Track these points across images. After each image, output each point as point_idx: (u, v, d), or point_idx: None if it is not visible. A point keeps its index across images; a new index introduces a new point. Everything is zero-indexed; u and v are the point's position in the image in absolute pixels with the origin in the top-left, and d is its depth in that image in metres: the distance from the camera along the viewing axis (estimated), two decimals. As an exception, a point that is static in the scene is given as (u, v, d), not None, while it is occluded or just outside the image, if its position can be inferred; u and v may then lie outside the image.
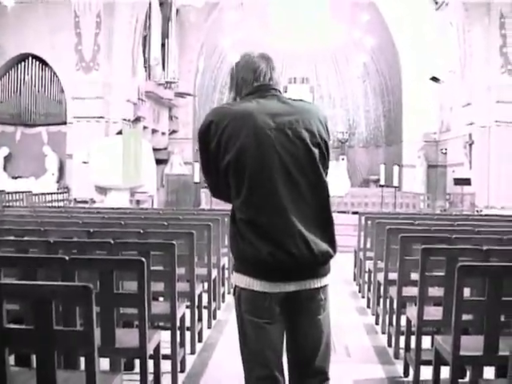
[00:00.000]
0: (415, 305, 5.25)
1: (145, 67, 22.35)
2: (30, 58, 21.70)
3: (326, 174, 3.08)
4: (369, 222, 9.07)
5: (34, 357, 3.65)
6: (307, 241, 2.92)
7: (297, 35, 29.53)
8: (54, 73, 21.55)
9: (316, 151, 3.01)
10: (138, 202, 18.43)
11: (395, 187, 19.05)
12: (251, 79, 3.13)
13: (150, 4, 21.46)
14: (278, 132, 2.97)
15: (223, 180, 3.05)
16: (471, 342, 4.11)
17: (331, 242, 3.02)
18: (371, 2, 25.35)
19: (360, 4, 26.52)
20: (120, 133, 18.39)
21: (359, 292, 9.57)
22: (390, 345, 6.51)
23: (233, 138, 2.97)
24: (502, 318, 4.00)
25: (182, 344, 5.63)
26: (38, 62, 21.72)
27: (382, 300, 7.16)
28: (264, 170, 2.95)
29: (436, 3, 22.92)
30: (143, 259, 4.05)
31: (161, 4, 23.31)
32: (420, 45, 24.33)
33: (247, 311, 3.01)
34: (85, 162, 18.28)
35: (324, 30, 29.28)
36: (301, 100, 3.19)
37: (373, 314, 7.92)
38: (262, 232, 2.92)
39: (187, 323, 5.95)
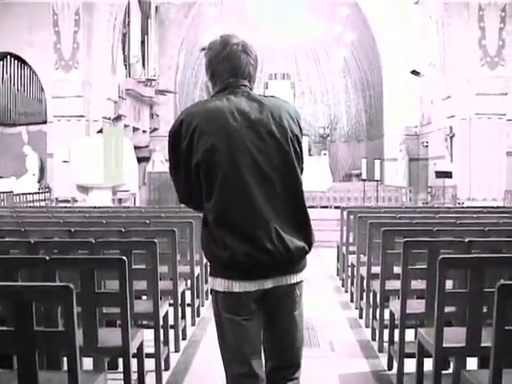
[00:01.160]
0: (398, 298, 5.26)
1: (125, 65, 22.25)
2: (9, 57, 21.52)
3: (301, 170, 3.10)
4: (351, 217, 9.09)
5: (15, 358, 3.62)
6: (282, 238, 2.93)
7: (277, 31, 29.54)
8: (34, 71, 21.39)
9: (288, 148, 3.01)
10: (120, 200, 18.36)
11: (377, 181, 19.12)
12: (228, 75, 3.09)
13: (128, 1, 21.34)
14: (248, 129, 2.96)
15: (195, 182, 3.02)
16: (454, 333, 4.13)
17: (307, 238, 3.04)
18: (351, -4, 25.41)
19: (339, -1, 26.59)
20: (101, 131, 18.31)
21: (342, 286, 9.59)
22: (373, 339, 6.54)
23: (203, 137, 2.94)
24: (485, 309, 4.02)
25: (166, 342, 5.63)
26: (16, 61, 21.55)
27: (365, 294, 7.17)
28: (235, 168, 2.93)
29: (415, -3, 23.03)
30: (124, 258, 4.03)
31: (140, 1, 23.20)
32: (400, 39, 24.42)
33: (225, 309, 3.02)
34: (65, 162, 18.19)
35: (304, 26, 29.31)
36: (272, 96, 3.15)
37: (356, 308, 7.94)
38: (236, 232, 2.91)
39: (171, 321, 5.95)
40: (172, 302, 6.12)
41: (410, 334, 5.26)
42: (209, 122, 2.96)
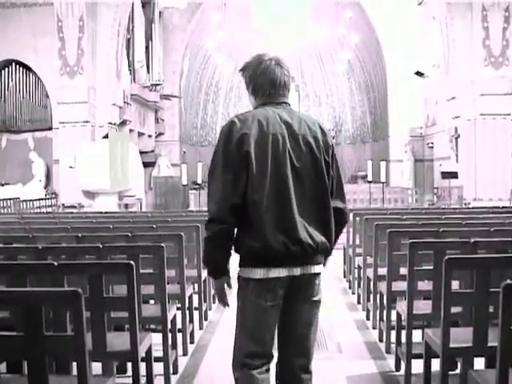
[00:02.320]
0: (405, 299, 5.27)
1: (129, 70, 22.31)
2: (14, 64, 21.57)
3: (333, 178, 3.53)
4: (357, 219, 9.09)
5: (25, 363, 3.65)
6: (309, 232, 3.35)
7: (280, 34, 29.54)
8: (39, 78, 21.43)
9: (320, 156, 3.44)
10: (126, 205, 18.42)
11: (383, 183, 19.13)
12: (268, 87, 3.50)
13: (132, 7, 21.40)
14: (290, 138, 3.39)
15: (240, 178, 3.32)
16: (461, 333, 4.14)
17: (328, 234, 3.45)
18: (354, -2, 25.43)
19: (343, 1, 26.57)
20: (106, 137, 18.38)
21: (349, 288, 9.59)
22: (381, 340, 6.54)
23: (253, 140, 3.34)
24: (491, 309, 4.03)
25: (174, 346, 5.64)
26: (21, 68, 21.58)
27: (372, 295, 7.18)
28: (278, 170, 3.35)
29: (418, -2, 23.04)
30: (132, 262, 4.05)
31: (143, 6, 23.27)
32: (404, 40, 24.40)
33: (254, 295, 3.36)
34: (71, 167, 18.25)
35: (307, 28, 29.32)
36: (307, 115, 3.65)
37: (363, 310, 7.94)
38: (273, 223, 3.30)
39: (178, 325, 5.96)
40: (180, 305, 6.14)
41: (417, 335, 5.27)
42: (260, 127, 3.36)
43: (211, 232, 3.34)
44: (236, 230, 3.40)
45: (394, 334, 5.81)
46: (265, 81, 3.49)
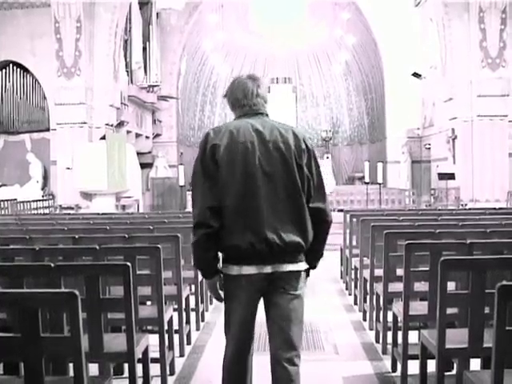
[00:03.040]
0: (401, 300, 5.28)
1: (127, 71, 22.28)
2: (11, 66, 21.57)
3: (310, 180, 3.73)
4: (354, 220, 9.11)
5: (22, 364, 3.65)
6: (279, 233, 3.58)
7: (278, 35, 29.57)
8: (36, 79, 21.42)
9: (291, 161, 3.67)
10: (123, 206, 18.41)
11: (380, 184, 19.14)
12: (241, 98, 3.83)
13: (130, 8, 21.40)
14: (260, 145, 3.66)
15: (217, 183, 3.63)
16: (457, 334, 4.15)
17: (303, 234, 3.67)
18: (352, 0, 25.42)
19: (340, 3, 26.61)
20: (104, 138, 18.37)
21: (346, 289, 9.61)
22: (377, 341, 6.55)
23: (226, 149, 3.63)
24: (487, 310, 4.04)
25: (171, 347, 5.64)
26: (19, 69, 21.57)
27: (368, 297, 7.20)
28: (248, 175, 3.62)
29: (415, -1, 23.08)
30: (128, 264, 4.06)
31: (141, 8, 23.26)
32: (401, 41, 24.41)
33: (234, 287, 3.67)
34: (69, 168, 18.24)
35: (305, 30, 29.36)
36: (283, 123, 3.85)
37: (360, 311, 7.96)
38: (243, 225, 3.58)
39: (175, 326, 5.97)
40: (176, 306, 6.15)
41: (413, 336, 5.29)
42: (231, 137, 3.66)
43: (196, 236, 3.63)
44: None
45: (390, 335, 5.83)
46: (238, 93, 3.84)
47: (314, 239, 3.76)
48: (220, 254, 3.73)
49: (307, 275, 3.86)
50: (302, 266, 3.71)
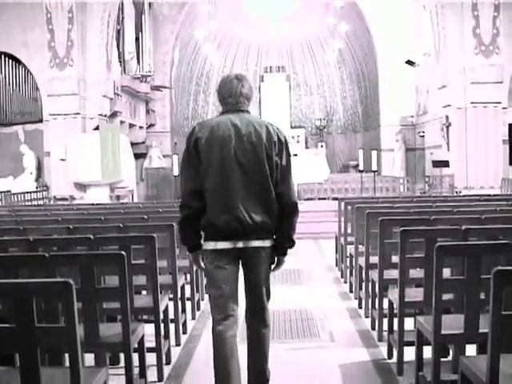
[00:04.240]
0: (397, 287, 5.29)
1: (119, 61, 22.19)
2: (3, 57, 21.44)
3: (279, 168, 4.32)
4: (348, 208, 9.11)
5: (17, 355, 3.64)
6: (249, 213, 4.23)
7: (271, 24, 29.49)
8: (28, 70, 21.30)
9: (261, 152, 4.28)
10: (117, 197, 18.38)
11: (374, 172, 19.14)
12: (226, 95, 4.43)
13: (122, -3, 21.30)
14: (236, 137, 4.28)
15: (198, 173, 4.29)
16: (452, 320, 4.16)
17: (270, 214, 4.30)
18: (344, -13, 25.34)
19: (333, -10, 26.53)
20: (97, 128, 18.32)
21: (341, 277, 9.61)
22: (373, 328, 6.56)
23: (206, 141, 4.27)
24: (482, 296, 4.05)
25: (167, 336, 5.65)
26: (10, 60, 21.43)
27: (364, 284, 7.20)
28: (224, 163, 4.25)
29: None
30: (123, 253, 4.06)
31: (133, -3, 23.15)
32: (394, 29, 24.37)
33: (213, 260, 4.30)
34: (63, 160, 18.19)
35: (298, 18, 29.25)
36: (259, 119, 4.53)
37: (355, 298, 7.97)
38: (219, 206, 4.23)
39: (171, 315, 5.97)
40: (172, 296, 6.15)
41: (409, 323, 5.30)
42: (211, 131, 4.29)
43: (180, 216, 4.36)
44: None
45: (386, 321, 5.84)
46: (225, 91, 4.44)
47: (281, 221, 4.36)
48: (202, 233, 4.35)
49: (283, 254, 4.46)
50: (268, 243, 4.34)
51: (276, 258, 4.49)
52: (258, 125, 4.35)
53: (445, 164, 19.18)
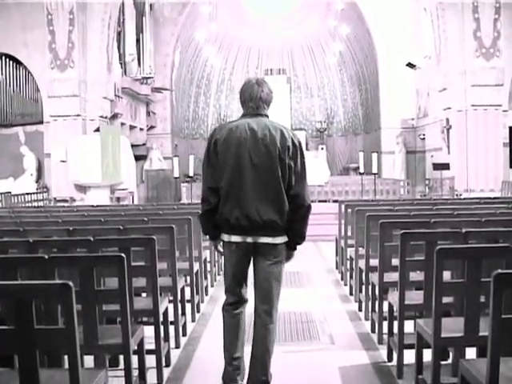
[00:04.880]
0: (397, 290, 5.28)
1: (120, 63, 22.18)
2: (4, 58, 21.43)
3: (291, 171, 4.60)
4: (349, 210, 9.11)
5: (16, 357, 3.64)
6: (259, 211, 4.55)
7: (271, 26, 29.45)
8: (29, 72, 21.29)
9: (275, 154, 4.57)
10: (118, 198, 18.37)
11: (375, 174, 19.13)
12: (247, 100, 4.75)
13: (123, 0, 21.29)
14: (251, 140, 4.59)
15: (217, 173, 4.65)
16: (452, 323, 4.16)
17: (280, 214, 4.59)
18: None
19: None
20: (98, 130, 18.32)
21: (342, 280, 9.61)
22: (373, 331, 6.56)
23: (224, 143, 4.62)
24: (482, 299, 4.04)
25: (166, 338, 5.64)
26: (11, 62, 21.41)
27: (364, 287, 7.19)
28: (239, 164, 4.58)
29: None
30: (123, 255, 4.05)
31: (134, -1, 23.16)
32: (395, 31, 24.36)
33: (228, 251, 4.72)
34: (63, 161, 18.19)
35: (299, 20, 29.23)
36: (276, 123, 4.75)
37: (356, 301, 7.96)
38: (232, 203, 4.58)
39: (171, 317, 5.96)
40: (172, 298, 6.14)
41: (409, 326, 5.29)
42: (229, 133, 4.64)
43: (201, 210, 4.79)
44: None
45: (386, 324, 5.83)
46: (246, 95, 4.75)
47: (293, 220, 4.64)
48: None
49: (293, 249, 4.78)
50: (279, 240, 4.64)
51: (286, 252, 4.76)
52: (273, 128, 4.65)
53: (445, 167, 19.17)
